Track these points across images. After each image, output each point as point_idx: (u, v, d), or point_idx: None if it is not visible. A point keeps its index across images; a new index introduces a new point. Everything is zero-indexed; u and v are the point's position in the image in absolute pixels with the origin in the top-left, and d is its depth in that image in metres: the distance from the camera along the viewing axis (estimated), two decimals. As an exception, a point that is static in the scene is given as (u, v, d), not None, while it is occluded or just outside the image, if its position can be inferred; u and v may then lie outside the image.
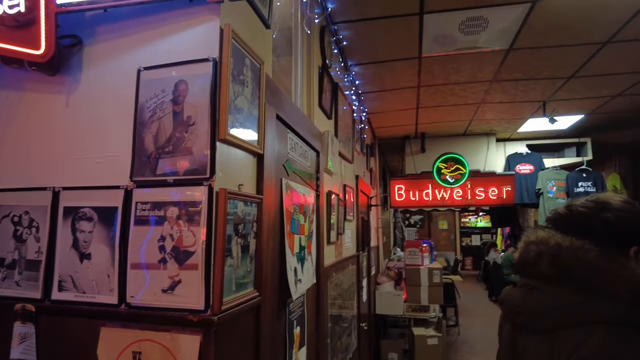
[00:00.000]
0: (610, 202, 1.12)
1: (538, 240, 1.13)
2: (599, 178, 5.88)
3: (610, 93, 4.17)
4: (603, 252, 1.02)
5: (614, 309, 0.96)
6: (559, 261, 1.05)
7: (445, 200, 5.77)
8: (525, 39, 2.98)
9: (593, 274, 1.00)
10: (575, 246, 1.04)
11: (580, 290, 1.01)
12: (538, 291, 1.09)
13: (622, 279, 0.97)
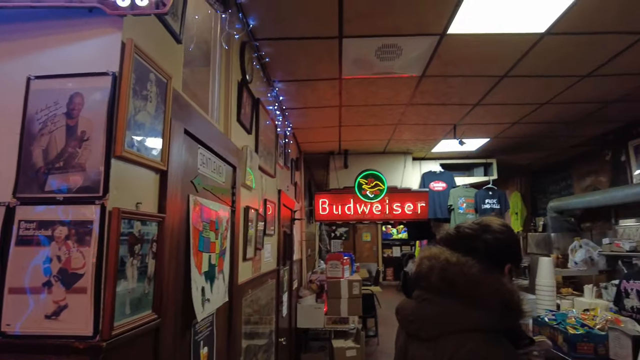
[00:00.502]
0: (491, 225, 1.27)
1: (431, 255, 1.24)
2: (502, 196, 6.47)
3: (510, 120, 4.64)
4: (483, 268, 1.15)
5: (488, 318, 1.09)
6: (447, 274, 1.16)
7: (365, 214, 6.00)
8: (436, 68, 3.22)
9: (474, 287, 1.12)
10: (461, 262, 1.16)
11: (463, 302, 1.12)
12: (428, 302, 1.20)
13: (497, 292, 1.10)
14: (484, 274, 1.13)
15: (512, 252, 1.26)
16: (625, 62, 3.13)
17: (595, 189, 5.99)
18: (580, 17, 2.51)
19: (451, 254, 1.19)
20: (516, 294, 1.11)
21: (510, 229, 1.30)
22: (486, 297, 1.10)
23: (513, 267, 1.25)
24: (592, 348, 2.43)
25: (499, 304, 1.09)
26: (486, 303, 1.10)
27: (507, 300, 1.09)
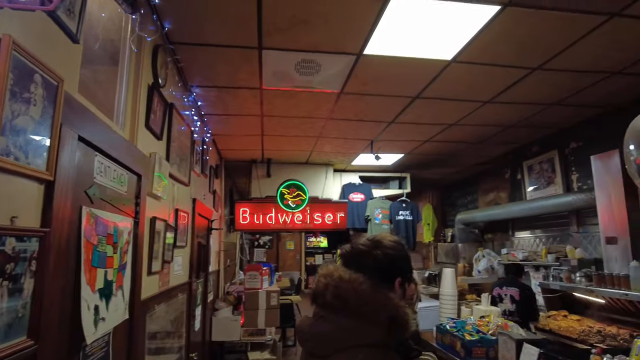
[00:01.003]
0: (382, 241, 1.33)
1: (326, 273, 1.26)
2: (415, 208, 6.85)
3: (422, 138, 4.95)
4: (373, 284, 1.18)
5: (378, 333, 1.13)
6: (340, 292, 1.19)
7: (287, 224, 6.00)
8: (354, 86, 3.34)
9: (364, 303, 1.15)
10: (352, 279, 1.19)
11: (354, 318, 1.15)
12: (323, 320, 1.21)
13: (385, 308, 1.14)
14: (374, 290, 1.17)
15: (401, 266, 1.32)
16: (519, 93, 3.50)
17: (497, 203, 6.59)
18: (481, 49, 2.76)
19: (344, 271, 1.22)
20: (402, 309, 1.16)
21: (401, 245, 1.36)
22: (375, 313, 1.14)
23: (403, 280, 1.31)
24: (485, 352, 2.64)
25: (387, 319, 1.13)
26: (376, 319, 1.14)
27: (394, 316, 1.14)
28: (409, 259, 1.37)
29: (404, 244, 1.38)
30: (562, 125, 4.56)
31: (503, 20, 2.40)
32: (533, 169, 5.50)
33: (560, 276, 4.81)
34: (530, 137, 5.07)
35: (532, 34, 2.56)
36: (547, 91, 3.49)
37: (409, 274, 1.34)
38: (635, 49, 2.79)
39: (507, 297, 3.79)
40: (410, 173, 6.88)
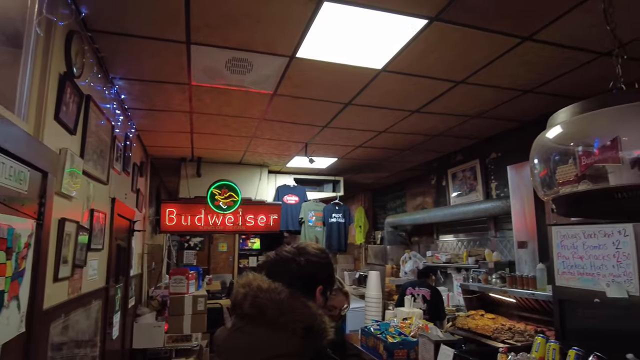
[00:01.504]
0: (306, 249, 1.32)
1: (245, 283, 1.22)
2: (347, 211, 6.97)
3: (354, 144, 5.04)
4: (292, 293, 1.17)
5: (294, 343, 1.11)
6: (257, 302, 1.16)
7: (217, 225, 5.82)
8: (287, 88, 3.31)
9: (281, 313, 1.13)
10: (271, 288, 1.17)
11: (271, 328, 1.13)
12: (239, 331, 1.18)
13: (302, 316, 1.13)
14: (291, 299, 1.16)
15: (323, 275, 1.32)
16: (444, 104, 3.69)
17: (423, 208, 6.90)
18: (409, 61, 2.86)
19: (263, 281, 1.20)
20: (319, 318, 1.15)
21: (325, 253, 1.37)
22: (292, 322, 1.12)
23: (325, 289, 1.31)
24: (406, 353, 2.73)
25: (303, 329, 1.12)
26: (292, 328, 1.12)
27: (311, 325, 1.13)
28: (332, 267, 1.38)
29: (328, 253, 1.40)
30: (483, 136, 4.87)
31: (430, 34, 2.50)
32: (457, 176, 5.83)
33: (478, 278, 5.14)
34: (455, 146, 5.37)
35: (457, 49, 2.70)
36: (470, 104, 3.71)
37: (331, 282, 1.35)
38: (544, 70, 3.04)
39: (419, 296, 3.98)
40: (344, 176, 7.00)
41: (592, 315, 2.95)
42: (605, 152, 1.40)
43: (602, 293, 2.94)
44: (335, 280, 1.43)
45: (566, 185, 1.53)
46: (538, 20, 2.39)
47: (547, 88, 3.33)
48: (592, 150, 1.46)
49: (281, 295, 1.16)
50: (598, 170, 1.45)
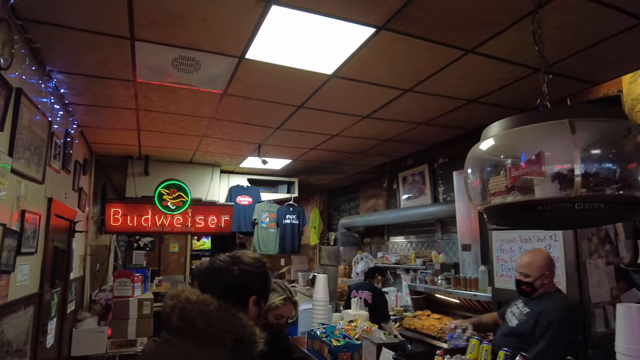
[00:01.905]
0: (242, 257, 1.31)
1: (173, 295, 1.19)
2: (301, 212, 6.98)
3: (307, 146, 5.05)
4: (222, 304, 1.16)
5: (221, 355, 1.10)
6: (185, 314, 1.14)
7: (165, 226, 5.64)
8: (237, 88, 3.26)
9: (210, 325, 1.12)
10: (199, 300, 1.15)
11: (199, 342, 1.11)
12: (166, 344, 1.16)
13: (232, 328, 1.12)
14: (221, 311, 1.15)
15: (257, 284, 1.30)
16: (393, 111, 3.77)
17: (375, 210, 7.03)
18: (359, 68, 2.90)
19: (192, 292, 1.18)
20: (249, 329, 1.15)
21: (260, 263, 1.35)
22: (221, 334, 1.11)
23: (259, 299, 1.30)
24: (350, 356, 2.76)
25: (232, 340, 1.11)
26: (222, 340, 1.11)
27: (240, 337, 1.13)
28: (268, 277, 1.36)
29: (265, 263, 1.38)
30: (431, 143, 5.03)
31: (377, 43, 2.55)
32: (407, 180, 5.99)
33: (425, 279, 5.30)
34: (405, 151, 5.51)
35: (404, 58, 2.77)
36: (418, 111, 3.82)
37: (265, 292, 1.34)
38: (486, 82, 3.18)
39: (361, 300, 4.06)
40: (299, 178, 6.99)
41: (526, 315, 3.13)
42: (530, 165, 1.49)
43: (534, 294, 3.12)
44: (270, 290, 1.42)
45: (498, 196, 1.60)
46: (479, 35, 2.50)
47: (490, 99, 3.49)
48: (519, 164, 1.54)
49: (210, 307, 1.14)
50: (526, 182, 1.53)
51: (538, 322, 2.32)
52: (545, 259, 2.49)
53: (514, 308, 2.60)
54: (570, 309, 2.41)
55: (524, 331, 2.38)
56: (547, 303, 2.38)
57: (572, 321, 2.36)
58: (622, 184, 1.36)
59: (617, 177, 1.38)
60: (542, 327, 2.29)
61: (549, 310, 2.32)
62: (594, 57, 2.81)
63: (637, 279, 3.08)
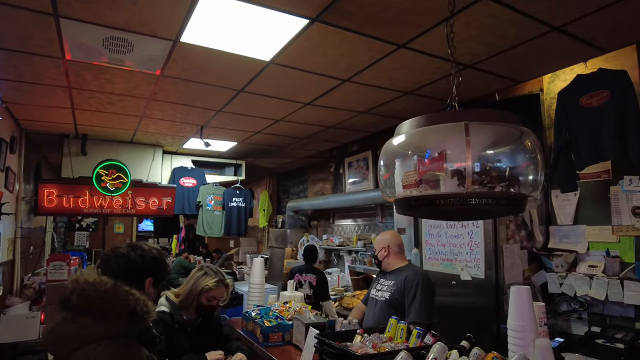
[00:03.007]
0: (141, 246, 1.54)
1: (73, 279, 1.35)
2: (248, 195, 6.99)
3: (252, 129, 5.04)
4: (116, 283, 1.33)
5: (118, 326, 1.28)
6: (84, 294, 1.29)
7: (104, 208, 5.47)
8: (174, 70, 3.20)
9: (106, 300, 1.28)
10: (97, 281, 1.32)
11: (96, 316, 1.26)
12: (65, 321, 1.30)
13: (126, 302, 1.30)
14: (116, 288, 1.31)
15: (152, 267, 1.52)
16: (334, 99, 3.85)
17: (322, 194, 7.17)
18: (296, 56, 2.94)
19: (89, 275, 1.33)
20: (142, 302, 1.32)
21: (158, 251, 1.58)
22: (116, 308, 1.27)
23: (155, 281, 1.53)
24: (281, 336, 2.87)
25: (127, 313, 1.28)
26: (117, 313, 1.27)
27: (134, 308, 1.29)
28: (164, 262, 1.58)
29: (163, 252, 1.61)
30: (374, 130, 5.18)
31: (312, 34, 2.59)
32: (352, 165, 6.15)
33: (364, 260, 5.53)
34: (350, 138, 5.64)
35: (339, 49, 2.83)
36: (357, 101, 3.92)
37: (161, 276, 1.55)
38: (420, 76, 3.33)
39: (306, 282, 4.22)
40: (246, 160, 6.96)
41: (450, 294, 3.38)
42: (434, 162, 1.62)
43: (457, 276, 3.38)
44: (166, 276, 1.63)
45: (409, 188, 1.73)
46: (410, 31, 2.61)
47: (424, 91, 3.65)
48: (426, 160, 1.67)
49: (107, 286, 1.31)
50: (432, 177, 1.67)
51: (405, 288, 2.78)
52: (386, 235, 3.09)
53: (377, 285, 3.03)
54: (425, 274, 2.96)
55: (397, 298, 2.80)
56: (407, 272, 2.88)
57: (430, 283, 2.88)
58: (509, 182, 1.52)
59: (507, 176, 1.54)
60: (410, 290, 2.75)
61: (410, 277, 2.82)
62: (517, 57, 3.01)
63: (546, 261, 3.41)
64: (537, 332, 1.95)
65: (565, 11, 2.38)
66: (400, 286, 2.82)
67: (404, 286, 2.80)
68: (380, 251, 3.03)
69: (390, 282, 2.94)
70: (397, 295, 2.82)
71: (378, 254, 3.04)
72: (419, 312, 2.68)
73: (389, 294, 2.87)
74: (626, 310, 2.94)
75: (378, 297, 2.97)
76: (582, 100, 3.05)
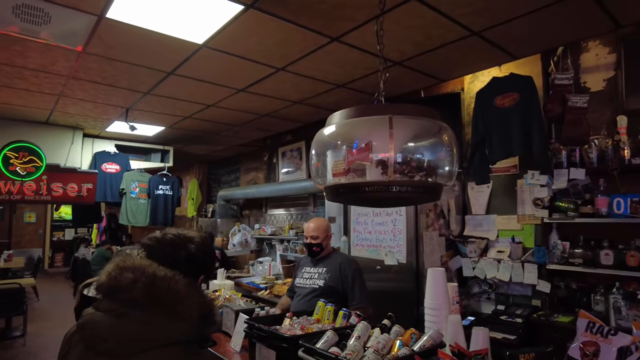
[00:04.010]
0: (194, 237, 1.35)
1: (134, 267, 1.17)
2: (176, 183, 6.75)
3: (182, 114, 4.88)
4: (187, 281, 1.18)
5: (189, 330, 1.14)
6: (153, 289, 1.12)
7: (13, 194, 4.99)
8: (98, 47, 3.00)
9: (179, 301, 1.13)
10: (168, 276, 1.16)
11: (166, 316, 1.12)
12: (125, 317, 1.11)
13: (199, 304, 1.17)
14: (188, 287, 1.17)
15: (209, 263, 1.41)
16: (268, 87, 3.85)
17: (255, 183, 7.13)
18: (230, 41, 2.90)
19: (158, 268, 1.17)
20: (214, 306, 1.25)
21: (209, 241, 1.42)
22: (189, 310, 1.13)
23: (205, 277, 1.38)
24: (210, 324, 2.86)
25: (200, 316, 1.15)
26: (189, 316, 1.13)
27: (207, 312, 1.18)
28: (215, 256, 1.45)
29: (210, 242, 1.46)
30: (308, 121, 5.25)
31: (247, 20, 2.58)
32: (286, 155, 6.18)
33: (295, 248, 5.63)
34: (284, 127, 5.66)
35: (274, 38, 2.84)
36: (292, 90, 3.96)
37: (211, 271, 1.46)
38: (353, 70, 3.44)
39: None
40: (175, 146, 6.70)
41: (376, 279, 3.57)
42: (361, 152, 1.71)
43: (382, 261, 3.57)
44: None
45: (338, 177, 1.81)
46: (343, 25, 2.69)
47: (356, 85, 3.78)
48: (354, 150, 1.76)
49: (179, 284, 1.15)
50: (359, 166, 1.76)
51: (342, 274, 2.79)
52: (326, 222, 3.03)
53: (305, 274, 2.99)
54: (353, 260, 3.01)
55: (333, 285, 2.79)
56: (339, 259, 2.91)
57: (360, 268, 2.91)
58: (427, 172, 1.66)
59: (425, 166, 1.67)
60: (349, 276, 2.77)
61: (346, 263, 2.85)
62: (441, 57, 3.23)
63: (462, 247, 3.72)
64: (450, 310, 2.15)
65: (483, 18, 2.60)
66: (336, 274, 2.80)
67: (340, 273, 2.80)
68: (325, 239, 2.95)
69: (321, 270, 2.90)
70: (333, 282, 2.79)
71: (324, 241, 2.94)
72: (363, 295, 2.73)
73: (323, 281, 2.84)
74: (525, 289, 3.32)
75: (307, 285, 2.93)
76: (496, 100, 3.35)
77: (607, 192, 2.83)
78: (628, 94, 2.92)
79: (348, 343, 1.77)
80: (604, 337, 1.44)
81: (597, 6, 2.50)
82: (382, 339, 1.77)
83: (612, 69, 3.00)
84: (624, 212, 2.73)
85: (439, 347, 1.78)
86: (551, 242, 3.11)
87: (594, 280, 2.92)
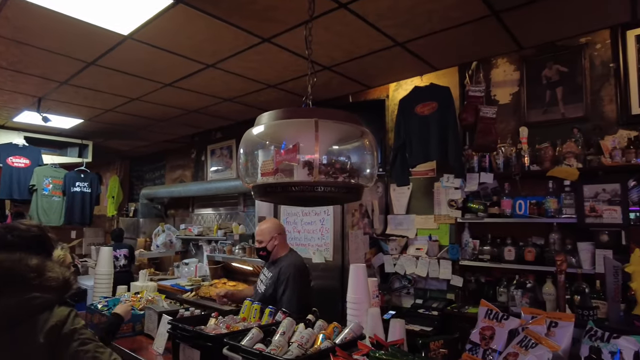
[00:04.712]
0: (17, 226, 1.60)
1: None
2: (95, 180, 6.33)
3: (103, 107, 4.59)
4: (40, 259, 1.43)
5: (55, 296, 1.40)
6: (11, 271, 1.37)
7: None
8: (5, 29, 2.75)
9: (37, 275, 1.38)
10: (21, 257, 1.40)
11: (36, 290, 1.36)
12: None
13: (53, 275, 1.42)
14: (41, 263, 1.41)
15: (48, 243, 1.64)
16: (197, 83, 3.78)
17: (182, 181, 6.90)
18: (158, 35, 2.81)
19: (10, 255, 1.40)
20: (70, 274, 1.49)
21: (39, 228, 1.64)
22: (47, 282, 1.39)
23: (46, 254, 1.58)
24: (131, 327, 2.75)
25: (57, 286, 1.41)
26: (48, 286, 1.39)
27: (67, 279, 1.45)
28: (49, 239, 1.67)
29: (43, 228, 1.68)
30: (239, 119, 5.21)
31: (176, 14, 2.52)
32: (215, 153, 6.07)
33: (224, 249, 5.54)
34: (214, 124, 5.56)
35: (204, 34, 2.81)
36: (221, 87, 3.91)
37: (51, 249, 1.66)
38: (282, 71, 3.49)
39: (121, 256, 5.29)
40: (94, 141, 6.27)
41: (304, 277, 3.64)
42: (288, 153, 1.76)
43: (310, 260, 3.66)
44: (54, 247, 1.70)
45: (266, 176, 1.84)
46: (275, 27, 2.73)
47: (287, 86, 3.83)
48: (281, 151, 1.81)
49: (33, 262, 1.39)
50: (288, 166, 1.81)
51: (279, 280, 2.69)
52: (271, 223, 2.90)
53: (262, 276, 2.94)
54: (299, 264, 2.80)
55: (272, 292, 2.71)
56: (283, 263, 2.76)
57: (302, 272, 2.78)
58: (350, 173, 1.75)
59: (348, 168, 1.77)
60: (282, 283, 2.66)
61: (284, 269, 2.71)
62: (368, 64, 3.39)
63: (384, 245, 3.93)
64: (371, 303, 2.28)
65: (406, 30, 2.78)
66: (275, 279, 2.73)
67: (277, 278, 2.71)
68: (270, 241, 2.80)
69: (269, 275, 2.83)
70: (271, 289, 2.73)
71: (268, 244, 2.80)
72: (288, 304, 2.59)
73: (265, 287, 2.79)
74: (441, 283, 3.59)
75: (259, 290, 2.88)
76: (417, 108, 3.58)
77: (511, 194, 3.16)
78: (529, 107, 3.29)
79: (273, 339, 1.82)
80: (498, 322, 1.63)
81: (503, 30, 2.79)
82: (305, 334, 1.84)
83: (516, 85, 3.36)
84: (524, 213, 3.07)
85: (360, 339, 1.89)
86: (464, 240, 3.39)
87: (499, 274, 3.24)
